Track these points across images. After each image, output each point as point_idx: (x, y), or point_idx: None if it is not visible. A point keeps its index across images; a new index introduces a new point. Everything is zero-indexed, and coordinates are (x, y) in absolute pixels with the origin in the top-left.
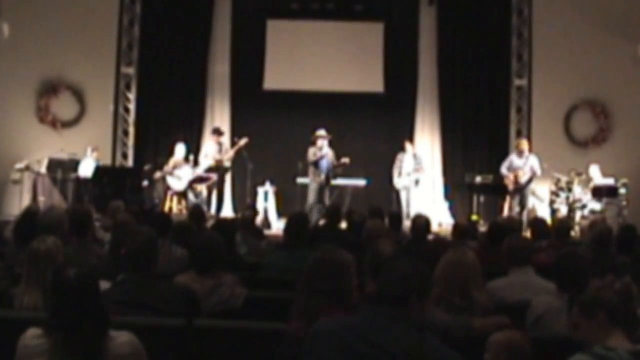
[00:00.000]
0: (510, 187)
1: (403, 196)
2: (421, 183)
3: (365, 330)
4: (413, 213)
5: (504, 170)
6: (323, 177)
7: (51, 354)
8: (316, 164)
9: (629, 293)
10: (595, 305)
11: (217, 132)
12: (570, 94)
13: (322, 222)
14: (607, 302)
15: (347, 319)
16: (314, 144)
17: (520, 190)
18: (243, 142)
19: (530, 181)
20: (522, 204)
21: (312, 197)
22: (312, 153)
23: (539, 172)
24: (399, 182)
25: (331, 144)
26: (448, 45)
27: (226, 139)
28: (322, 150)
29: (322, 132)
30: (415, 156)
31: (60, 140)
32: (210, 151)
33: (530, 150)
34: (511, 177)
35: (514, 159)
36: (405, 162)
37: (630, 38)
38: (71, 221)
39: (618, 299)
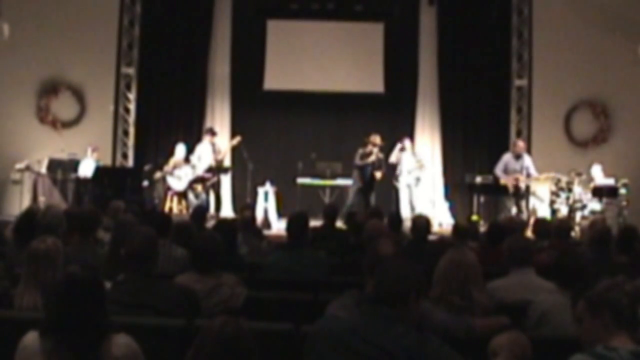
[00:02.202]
0: (510, 189)
1: (404, 195)
2: (422, 181)
3: (365, 331)
4: (417, 211)
5: (499, 172)
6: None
7: (47, 356)
8: (361, 169)
9: (637, 295)
10: (602, 304)
11: (211, 132)
12: (570, 94)
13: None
14: (614, 302)
15: (347, 319)
16: (364, 145)
17: (518, 194)
18: (235, 140)
19: (528, 184)
20: (519, 206)
21: (350, 198)
22: (359, 156)
23: (534, 172)
24: (401, 179)
25: (382, 150)
26: (448, 45)
27: (219, 140)
28: (370, 156)
29: (375, 139)
30: (414, 154)
31: (60, 140)
32: (204, 152)
33: (529, 151)
34: (511, 180)
35: (509, 160)
36: (404, 160)
37: (630, 38)
38: (77, 220)
39: (626, 300)
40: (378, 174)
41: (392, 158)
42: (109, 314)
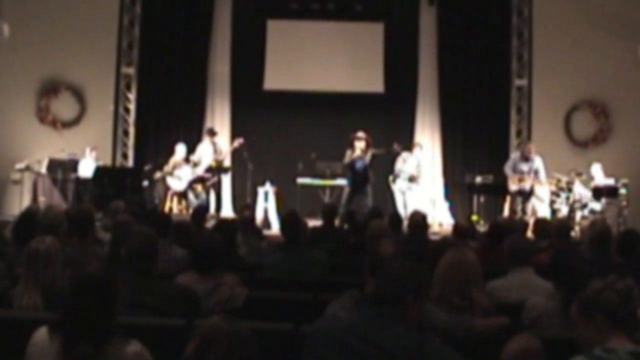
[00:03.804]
0: (514, 189)
1: (399, 198)
2: (415, 189)
3: (365, 330)
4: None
5: (508, 170)
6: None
7: (56, 355)
8: (351, 166)
9: (630, 293)
10: (594, 307)
11: (211, 133)
12: (570, 94)
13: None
14: (605, 304)
15: (347, 319)
16: (351, 145)
17: (523, 194)
18: (237, 142)
19: (533, 185)
20: (524, 207)
21: (343, 198)
22: (347, 156)
23: (542, 177)
24: (396, 183)
25: (369, 146)
26: (448, 45)
27: (220, 139)
28: (356, 152)
29: (356, 134)
30: (419, 163)
31: (60, 140)
32: (205, 152)
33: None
34: (515, 179)
35: (517, 161)
36: (407, 164)
37: (630, 38)
38: (73, 221)
39: (618, 300)
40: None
41: (398, 164)
42: (115, 319)
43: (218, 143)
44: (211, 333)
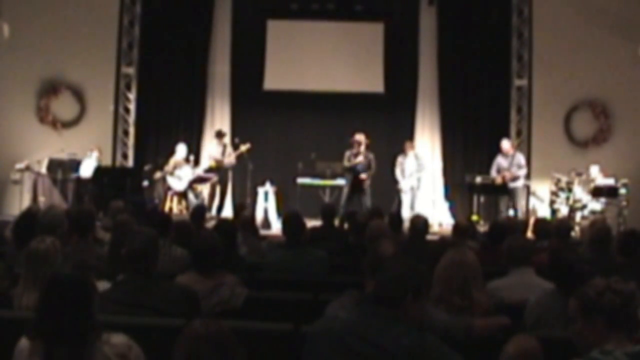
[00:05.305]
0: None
1: (406, 198)
2: (422, 181)
3: (365, 331)
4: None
5: (493, 172)
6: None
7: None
8: (350, 169)
9: (631, 296)
10: (595, 309)
11: (220, 135)
12: (570, 94)
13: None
14: (607, 306)
15: (347, 319)
16: (350, 146)
17: (511, 191)
18: (245, 147)
19: (516, 179)
20: (514, 204)
21: (342, 201)
22: (346, 157)
23: (522, 169)
24: (404, 184)
25: (368, 148)
26: (448, 45)
27: (228, 140)
28: (358, 157)
29: (360, 138)
30: (416, 156)
31: (60, 140)
32: (214, 152)
33: (529, 151)
34: (499, 179)
35: (499, 160)
36: (407, 164)
37: (630, 38)
38: (74, 221)
39: (619, 302)
40: (363, 175)
41: (397, 170)
42: (97, 314)
43: (228, 145)
44: (197, 343)
